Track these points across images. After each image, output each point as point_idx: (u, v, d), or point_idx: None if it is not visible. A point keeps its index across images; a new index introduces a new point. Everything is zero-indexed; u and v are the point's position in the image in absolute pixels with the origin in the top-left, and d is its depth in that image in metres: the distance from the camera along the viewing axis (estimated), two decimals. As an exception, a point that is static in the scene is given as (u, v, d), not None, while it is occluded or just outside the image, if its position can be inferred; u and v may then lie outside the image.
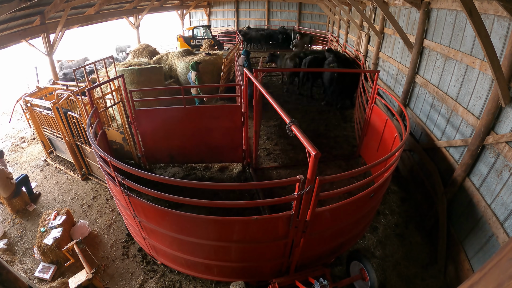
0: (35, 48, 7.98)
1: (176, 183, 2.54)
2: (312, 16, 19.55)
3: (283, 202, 2.50)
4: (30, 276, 3.94)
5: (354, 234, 3.52)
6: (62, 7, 7.75)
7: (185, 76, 9.37)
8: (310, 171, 2.31)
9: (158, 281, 3.74)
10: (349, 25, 12.64)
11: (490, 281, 0.59)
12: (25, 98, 5.77)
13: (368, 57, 9.31)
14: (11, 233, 4.70)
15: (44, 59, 8.39)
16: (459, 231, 3.64)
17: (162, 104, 6.82)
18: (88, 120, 3.75)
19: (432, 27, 4.83)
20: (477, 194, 3.36)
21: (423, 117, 5.07)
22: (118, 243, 4.35)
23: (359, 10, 7.90)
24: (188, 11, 19.52)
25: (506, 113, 3.05)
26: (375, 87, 5.09)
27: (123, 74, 5.04)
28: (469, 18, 2.72)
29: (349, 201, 2.81)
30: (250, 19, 21.07)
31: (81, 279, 3.27)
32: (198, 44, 15.71)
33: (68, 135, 5.42)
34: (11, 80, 14.67)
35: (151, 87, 7.54)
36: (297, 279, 3.12)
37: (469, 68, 3.77)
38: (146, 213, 2.99)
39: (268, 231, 2.79)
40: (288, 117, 2.66)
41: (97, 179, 5.74)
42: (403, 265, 3.90)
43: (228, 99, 8.73)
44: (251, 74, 4.24)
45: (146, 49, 11.22)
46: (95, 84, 4.54)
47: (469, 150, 3.50)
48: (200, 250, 3.08)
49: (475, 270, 2.12)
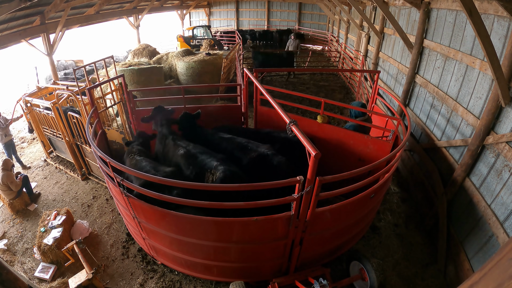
0: (35, 48, 7.99)
1: (174, 184, 2.54)
2: (312, 16, 19.56)
3: (283, 203, 2.50)
4: (30, 276, 3.94)
5: (354, 234, 3.52)
6: (62, 7, 7.75)
7: (185, 76, 9.36)
8: (310, 171, 2.31)
9: (158, 281, 3.74)
10: (349, 25, 12.64)
11: (490, 281, 0.59)
12: (25, 98, 5.78)
13: (368, 57, 9.30)
14: (11, 233, 4.70)
15: (44, 59, 8.39)
16: (459, 231, 3.64)
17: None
18: (87, 120, 3.74)
19: (432, 27, 4.82)
20: (477, 194, 3.35)
21: (423, 117, 5.07)
22: (118, 243, 4.35)
23: (359, 10, 7.90)
24: (188, 11, 19.53)
25: (506, 113, 3.05)
26: (375, 87, 5.09)
27: (123, 74, 5.04)
28: (469, 18, 2.72)
29: (349, 202, 2.81)
30: (250, 19, 21.08)
31: (81, 279, 3.27)
32: (198, 44, 15.70)
33: (68, 135, 5.42)
34: (11, 80, 14.66)
35: (151, 87, 7.53)
36: (297, 279, 3.12)
37: (469, 68, 3.77)
38: (145, 214, 2.99)
39: (267, 232, 2.79)
40: (288, 118, 2.66)
41: (97, 179, 5.74)
42: (403, 265, 3.90)
43: (228, 99, 8.73)
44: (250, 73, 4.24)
45: (146, 49, 11.23)
46: (95, 84, 4.54)
47: (469, 150, 3.50)
48: (199, 250, 3.08)
49: (475, 270, 2.12)
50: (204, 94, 7.97)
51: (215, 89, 9.06)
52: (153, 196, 2.62)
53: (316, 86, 11.06)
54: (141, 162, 3.56)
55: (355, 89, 9.67)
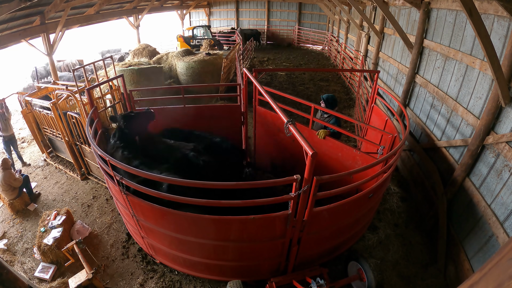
0: (35, 48, 7.99)
1: (173, 182, 2.54)
2: (312, 16, 19.56)
3: (280, 201, 2.50)
4: (30, 276, 3.94)
5: (352, 234, 3.52)
6: (62, 7, 7.75)
7: (185, 76, 9.36)
8: (307, 170, 2.31)
9: (158, 281, 3.74)
10: (349, 25, 12.64)
11: (490, 281, 0.59)
12: (25, 98, 5.78)
13: (368, 57, 9.30)
14: (11, 233, 4.70)
15: (44, 59, 8.40)
16: (459, 231, 3.64)
17: (161, 104, 6.82)
18: (87, 120, 3.74)
19: (432, 27, 4.82)
20: (477, 194, 3.35)
21: (423, 117, 5.07)
22: (118, 243, 4.35)
23: (359, 10, 7.90)
24: (188, 11, 19.53)
25: (506, 113, 3.05)
26: (375, 87, 5.09)
27: (123, 74, 5.04)
28: (469, 18, 2.72)
29: (348, 201, 2.80)
30: (250, 19, 21.08)
31: (81, 279, 3.27)
32: (198, 44, 15.70)
33: (67, 135, 5.42)
34: (11, 80, 14.65)
35: (151, 87, 7.53)
36: (295, 279, 3.12)
37: (469, 68, 3.77)
38: (144, 212, 2.99)
39: (265, 231, 2.79)
40: (286, 117, 2.66)
41: (97, 179, 5.74)
42: (403, 265, 3.90)
43: (228, 99, 8.73)
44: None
45: (146, 49, 11.21)
46: (95, 84, 4.54)
47: (469, 150, 3.50)
48: (198, 249, 3.08)
49: (475, 270, 2.12)
50: (204, 94, 7.97)
51: (215, 89, 9.06)
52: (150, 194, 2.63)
53: (316, 86, 11.07)
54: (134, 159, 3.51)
55: (355, 89, 9.67)
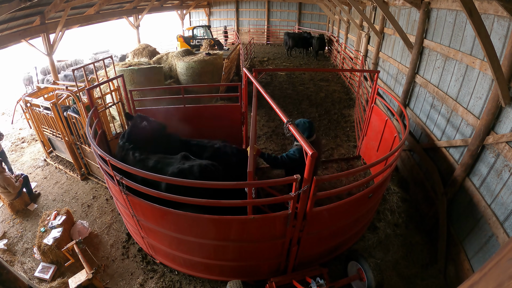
0: (35, 48, 7.98)
1: (173, 182, 2.54)
2: (312, 16, 19.57)
3: (280, 201, 2.51)
4: (30, 276, 3.93)
5: (352, 234, 3.52)
6: (62, 7, 7.75)
7: (185, 76, 9.36)
8: (306, 170, 2.31)
9: (158, 281, 3.73)
10: (349, 25, 12.64)
11: (490, 281, 0.59)
12: (24, 98, 5.77)
13: (368, 57, 9.30)
14: (11, 233, 4.69)
15: (44, 59, 8.40)
16: (459, 231, 3.64)
17: (162, 103, 6.82)
18: (87, 120, 3.74)
19: (432, 27, 4.82)
20: (477, 194, 3.35)
21: (423, 117, 5.07)
22: (118, 243, 4.35)
23: (359, 10, 7.90)
24: (188, 11, 19.53)
25: (506, 113, 3.05)
26: (375, 87, 5.09)
27: (123, 74, 5.04)
28: (469, 18, 2.72)
29: (347, 201, 2.81)
30: (250, 19, 21.09)
31: (81, 279, 3.27)
32: (198, 44, 15.70)
33: (67, 135, 5.42)
34: (11, 80, 14.66)
35: (151, 87, 7.53)
36: (295, 279, 3.12)
37: (469, 68, 3.77)
38: (144, 212, 2.99)
39: (265, 230, 2.79)
40: (286, 117, 2.66)
41: (97, 179, 5.74)
42: (403, 265, 3.90)
43: (228, 99, 8.73)
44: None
45: (146, 49, 11.19)
46: (95, 84, 4.54)
47: (469, 150, 3.50)
48: (198, 249, 3.08)
49: (475, 270, 2.12)
50: (204, 94, 7.97)
51: (215, 89, 9.05)
52: (152, 195, 2.63)
53: (316, 86, 11.07)
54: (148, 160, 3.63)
55: (355, 89, 9.67)
